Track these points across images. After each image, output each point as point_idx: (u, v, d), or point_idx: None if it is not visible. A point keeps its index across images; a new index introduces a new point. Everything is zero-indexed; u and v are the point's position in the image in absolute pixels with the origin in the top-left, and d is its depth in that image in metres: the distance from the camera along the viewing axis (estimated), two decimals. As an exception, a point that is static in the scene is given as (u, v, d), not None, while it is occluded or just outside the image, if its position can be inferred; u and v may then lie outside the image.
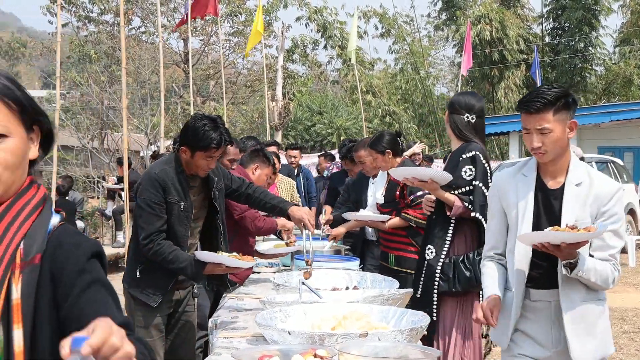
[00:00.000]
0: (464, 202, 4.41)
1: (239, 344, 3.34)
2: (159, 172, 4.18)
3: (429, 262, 4.55)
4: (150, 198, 4.15)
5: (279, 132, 24.88)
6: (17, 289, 1.54)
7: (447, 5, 30.98)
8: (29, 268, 1.57)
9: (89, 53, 26.24)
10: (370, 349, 2.65)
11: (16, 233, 1.57)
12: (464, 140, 4.57)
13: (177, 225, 4.22)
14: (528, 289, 3.33)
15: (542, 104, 3.13)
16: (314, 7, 31.27)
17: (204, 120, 4.16)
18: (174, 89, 28.92)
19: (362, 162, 6.39)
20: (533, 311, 3.34)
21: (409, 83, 32.06)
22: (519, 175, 3.35)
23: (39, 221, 1.63)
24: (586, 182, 3.23)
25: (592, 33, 28.49)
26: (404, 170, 4.83)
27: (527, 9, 31.43)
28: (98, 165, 24.74)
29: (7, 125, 1.58)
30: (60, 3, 11.69)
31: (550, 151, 3.18)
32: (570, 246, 3.02)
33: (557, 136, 3.16)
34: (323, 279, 4.22)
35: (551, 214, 3.26)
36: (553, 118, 3.14)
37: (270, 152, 6.33)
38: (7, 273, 1.53)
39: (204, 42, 27.56)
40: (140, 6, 26.41)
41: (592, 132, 21.57)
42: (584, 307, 3.24)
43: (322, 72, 36.30)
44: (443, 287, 4.47)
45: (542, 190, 3.29)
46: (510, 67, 28.73)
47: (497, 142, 29.75)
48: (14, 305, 1.53)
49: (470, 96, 4.72)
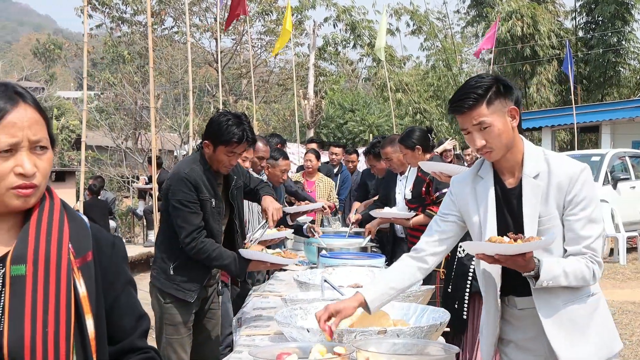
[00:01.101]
0: None
1: (260, 342, 3.36)
2: (188, 172, 4.22)
3: (460, 260, 4.51)
4: (184, 198, 4.19)
5: (311, 130, 24.91)
6: (82, 284, 1.73)
7: (475, 2, 30.78)
8: (85, 265, 1.75)
9: (123, 54, 26.48)
10: (389, 345, 2.65)
11: (61, 234, 1.73)
12: None
13: (212, 222, 4.27)
14: (512, 296, 3.05)
15: (472, 99, 2.87)
16: (342, 6, 31.24)
17: (228, 115, 4.21)
18: (206, 88, 29.08)
19: (388, 159, 6.38)
20: (521, 319, 3.05)
21: (441, 80, 31.91)
22: (476, 179, 3.08)
23: (73, 222, 1.78)
24: (544, 171, 2.93)
25: (626, 27, 28.14)
26: (433, 164, 4.80)
27: (558, 4, 31.11)
28: (132, 165, 24.95)
29: (46, 137, 1.75)
30: (87, 5, 11.75)
31: (496, 147, 2.90)
32: (518, 258, 2.72)
33: (499, 129, 2.88)
34: (347, 276, 4.23)
35: (514, 216, 2.97)
36: (488, 111, 2.88)
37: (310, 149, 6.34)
38: (70, 271, 1.70)
39: (236, 41, 27.65)
40: (173, 6, 26.58)
41: (626, 126, 21.33)
42: (568, 310, 2.93)
43: (354, 69, 36.27)
44: (476, 287, 4.40)
45: (502, 190, 3.01)
46: (542, 62, 28.47)
47: (530, 138, 29.53)
48: (82, 298, 1.72)
49: None
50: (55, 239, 1.71)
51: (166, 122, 23.30)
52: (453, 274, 4.60)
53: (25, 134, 1.70)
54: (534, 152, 3.00)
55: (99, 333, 1.76)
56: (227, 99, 27.41)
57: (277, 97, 31.58)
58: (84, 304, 1.72)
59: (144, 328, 1.93)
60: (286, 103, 31.04)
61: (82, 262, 1.75)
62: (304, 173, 9.28)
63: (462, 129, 2.97)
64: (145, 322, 1.94)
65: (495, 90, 2.90)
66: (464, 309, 4.47)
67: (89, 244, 1.78)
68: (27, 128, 1.70)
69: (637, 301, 9.78)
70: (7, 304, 1.64)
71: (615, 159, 16.02)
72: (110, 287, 1.83)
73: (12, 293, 1.65)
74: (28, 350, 1.61)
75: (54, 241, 1.71)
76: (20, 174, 1.70)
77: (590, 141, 28.20)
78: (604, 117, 21.40)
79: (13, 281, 1.65)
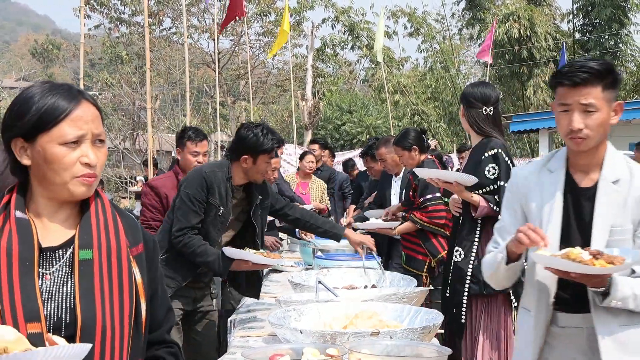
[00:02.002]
0: (489, 202, 4.31)
1: (254, 343, 3.37)
2: (208, 172, 4.25)
3: (457, 264, 4.45)
4: (194, 194, 4.21)
5: (309, 132, 24.90)
6: (137, 271, 1.92)
7: (470, 5, 30.78)
8: (138, 255, 1.95)
9: (121, 54, 26.49)
10: (382, 347, 2.66)
11: (117, 225, 1.92)
12: (483, 135, 4.48)
13: (211, 228, 4.27)
14: (555, 312, 2.75)
15: (589, 74, 2.58)
16: (341, 7, 31.23)
17: (258, 127, 4.26)
18: (204, 89, 29.08)
19: (383, 160, 6.40)
20: (561, 339, 2.76)
21: (439, 82, 31.91)
22: (543, 172, 2.79)
23: (124, 217, 1.98)
24: (626, 178, 2.66)
25: (623, 30, 28.14)
26: (430, 171, 4.78)
27: (554, 7, 31.10)
28: (130, 166, 24.99)
29: (104, 132, 1.94)
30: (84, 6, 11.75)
31: (592, 136, 2.62)
32: (592, 276, 2.48)
33: (603, 118, 2.62)
34: (342, 278, 4.24)
35: (581, 220, 2.69)
36: (602, 95, 2.62)
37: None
38: (129, 258, 1.90)
39: (234, 42, 27.66)
40: (171, 7, 26.59)
41: (623, 128, 21.31)
42: (625, 334, 2.63)
43: (352, 71, 36.27)
44: (474, 290, 4.37)
45: (572, 189, 2.73)
46: (539, 64, 28.48)
47: (527, 139, 29.54)
48: (139, 284, 1.91)
49: (484, 87, 4.57)
50: (113, 229, 1.91)
51: (164, 123, 23.31)
52: (450, 278, 4.57)
53: (90, 127, 1.87)
54: (617, 156, 2.76)
55: (147, 317, 1.95)
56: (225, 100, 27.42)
57: (275, 98, 31.61)
58: (140, 289, 1.92)
59: (172, 322, 2.14)
60: (284, 104, 31.05)
61: (136, 252, 1.95)
62: (298, 174, 9.24)
63: (562, 103, 2.67)
64: (172, 316, 2.14)
65: (613, 79, 2.67)
66: (462, 313, 4.44)
67: (140, 237, 1.99)
68: (91, 122, 1.88)
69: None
70: (77, 285, 1.82)
71: (612, 161, 16.02)
72: (152, 279, 2.01)
73: (81, 275, 1.83)
74: (100, 325, 1.80)
75: (112, 232, 1.90)
76: (86, 163, 1.86)
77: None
78: (601, 119, 21.43)
79: (82, 264, 1.84)
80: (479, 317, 4.42)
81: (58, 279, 1.84)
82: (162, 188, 5.37)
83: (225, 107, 27.55)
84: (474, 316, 4.44)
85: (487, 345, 4.39)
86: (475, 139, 4.57)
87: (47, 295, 1.81)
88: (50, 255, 1.85)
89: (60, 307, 1.81)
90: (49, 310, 1.80)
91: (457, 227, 4.58)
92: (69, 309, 1.81)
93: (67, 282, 1.84)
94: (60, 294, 1.82)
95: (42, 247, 1.84)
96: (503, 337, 4.41)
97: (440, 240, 5.56)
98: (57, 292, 1.82)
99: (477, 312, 4.44)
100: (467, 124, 4.55)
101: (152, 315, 2.00)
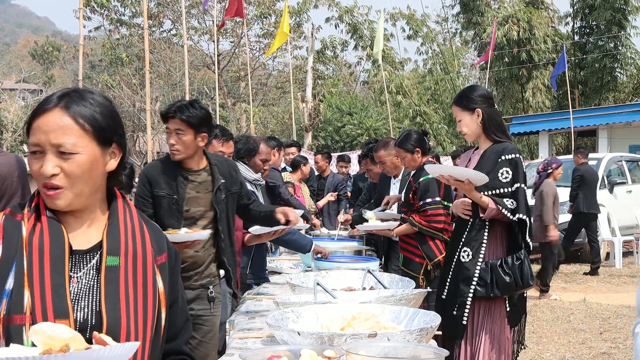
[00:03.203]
0: (498, 205, 4.28)
1: (253, 345, 3.37)
2: (148, 167, 4.40)
3: (464, 264, 4.41)
4: (138, 192, 4.31)
5: (309, 133, 24.93)
6: (160, 280, 1.95)
7: (465, 9, 30.78)
8: (162, 264, 1.98)
9: (121, 56, 26.52)
10: (379, 349, 2.66)
11: (143, 234, 1.95)
12: (496, 137, 4.44)
13: (166, 218, 4.25)
14: None
15: None
16: (345, 7, 31.25)
17: None
18: (204, 90, 29.10)
19: (382, 162, 6.38)
20: None
21: (439, 83, 31.93)
22: None
23: (150, 227, 2.01)
24: None
25: (622, 32, 28.13)
26: (441, 167, 4.67)
27: (551, 10, 31.08)
28: (130, 167, 24.98)
29: (76, 143, 1.84)
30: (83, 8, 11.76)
31: None
32: None
33: None
34: (340, 280, 4.23)
35: None
36: None
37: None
38: (154, 267, 1.93)
39: (234, 44, 27.68)
40: (171, 9, 26.63)
41: (623, 130, 21.35)
42: None
43: (352, 73, 36.29)
44: (480, 292, 4.35)
45: None
46: (538, 67, 28.47)
47: (527, 142, 29.54)
48: (160, 293, 1.94)
49: (481, 89, 4.57)
50: (140, 238, 1.93)
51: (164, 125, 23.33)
52: (450, 278, 4.55)
53: (47, 138, 1.83)
54: None
55: (165, 326, 1.97)
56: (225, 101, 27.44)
57: (275, 100, 31.65)
58: (161, 298, 1.94)
59: (189, 334, 2.16)
60: (284, 106, 31.08)
61: (160, 261, 1.97)
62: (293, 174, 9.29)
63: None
64: (189, 327, 2.16)
65: None
66: (464, 315, 4.42)
67: (164, 247, 2.02)
68: (52, 132, 1.82)
69: (632, 305, 9.78)
70: (103, 290, 1.84)
71: (612, 164, 16.07)
72: (173, 289, 2.03)
73: (107, 281, 1.85)
74: (124, 330, 1.82)
75: (138, 239, 1.93)
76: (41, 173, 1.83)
77: (587, 145, 28.23)
78: (600, 122, 21.44)
79: (108, 271, 1.86)
80: (482, 319, 4.41)
81: (85, 283, 1.86)
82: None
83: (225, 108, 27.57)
84: (475, 318, 4.43)
85: (489, 347, 4.40)
86: (485, 144, 4.50)
87: (75, 297, 1.84)
88: (79, 259, 1.88)
89: (85, 309, 1.84)
90: (76, 312, 1.82)
91: (461, 228, 4.53)
92: (94, 312, 1.84)
93: (93, 286, 1.86)
94: (87, 297, 1.85)
95: (72, 250, 1.87)
96: (504, 340, 4.42)
97: (438, 243, 5.55)
98: (84, 295, 1.85)
99: (479, 315, 4.43)
100: (478, 127, 4.46)
101: (171, 325, 2.02)
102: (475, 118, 4.44)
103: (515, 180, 4.33)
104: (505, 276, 4.31)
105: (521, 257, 4.34)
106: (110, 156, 1.93)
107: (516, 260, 4.32)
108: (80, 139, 1.85)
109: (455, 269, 4.48)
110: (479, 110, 4.42)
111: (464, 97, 4.51)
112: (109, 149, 1.92)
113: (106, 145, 1.91)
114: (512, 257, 4.35)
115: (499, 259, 4.37)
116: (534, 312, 9.37)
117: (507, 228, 4.43)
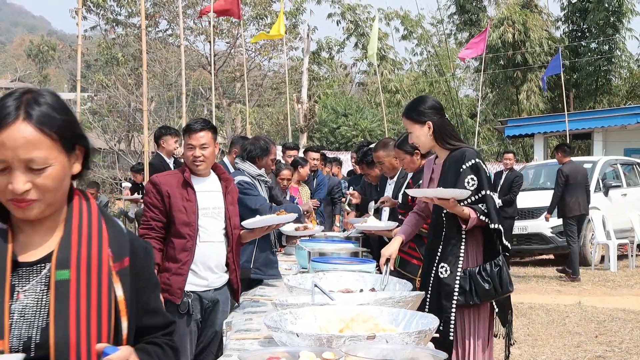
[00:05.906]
0: (477, 212, 4.23)
1: (250, 346, 3.37)
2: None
3: (444, 280, 4.37)
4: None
5: (304, 134, 24.91)
6: (119, 287, 1.85)
7: (461, 10, 30.80)
8: (123, 270, 1.87)
9: (116, 56, 26.49)
10: (378, 351, 2.66)
11: (101, 239, 1.85)
12: (451, 146, 4.40)
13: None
14: None
15: None
16: (347, 4, 31.23)
17: None
18: (200, 91, 29.08)
19: (380, 163, 6.36)
20: None
21: (433, 85, 31.94)
22: None
23: (112, 228, 1.90)
24: None
25: (617, 35, 28.19)
26: (424, 191, 4.62)
27: (545, 13, 31.11)
28: (125, 167, 24.97)
29: (47, 156, 1.76)
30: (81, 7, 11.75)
31: None
32: None
33: None
34: (337, 281, 4.23)
35: None
36: None
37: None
38: (110, 275, 1.83)
39: (230, 45, 27.67)
40: (168, 9, 26.60)
41: (618, 133, 21.41)
42: None
43: (347, 74, 36.30)
44: (460, 301, 4.31)
45: None
46: (533, 69, 28.51)
47: (522, 144, 29.59)
48: (120, 301, 1.84)
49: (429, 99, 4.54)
50: (96, 244, 1.83)
51: (159, 125, 23.29)
52: (430, 295, 4.50)
53: (15, 154, 1.73)
54: None
55: (130, 334, 1.88)
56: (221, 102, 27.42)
57: (270, 101, 31.63)
58: (120, 307, 1.85)
59: (171, 329, 2.08)
60: (279, 107, 31.08)
61: (120, 266, 1.86)
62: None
63: None
64: (170, 324, 2.09)
65: None
66: (450, 330, 4.38)
67: (126, 250, 1.90)
68: (20, 147, 1.73)
69: (627, 308, 9.81)
70: (52, 306, 1.75)
71: (607, 167, 16.10)
72: (142, 291, 1.95)
73: (56, 296, 1.76)
74: (74, 349, 1.74)
75: (94, 246, 1.83)
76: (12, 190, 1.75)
77: (582, 148, 28.28)
78: (596, 125, 21.48)
79: (58, 285, 1.77)
80: (469, 325, 4.39)
81: (32, 298, 1.78)
82: (164, 185, 4.75)
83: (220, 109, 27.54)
84: (463, 325, 4.41)
85: (479, 349, 4.39)
86: (442, 153, 4.46)
87: (19, 314, 1.76)
88: (26, 272, 1.80)
89: (32, 326, 1.76)
90: (20, 329, 1.75)
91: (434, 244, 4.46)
92: (40, 328, 1.76)
93: (41, 300, 1.79)
94: (33, 313, 1.77)
95: (19, 262, 1.79)
96: (492, 339, 4.43)
97: None
98: (29, 310, 1.77)
99: (468, 320, 4.40)
100: (429, 139, 4.42)
101: (145, 327, 1.97)
102: (425, 131, 4.39)
103: (481, 186, 4.29)
104: (485, 283, 4.26)
105: (499, 264, 4.30)
106: (74, 159, 1.87)
107: (495, 267, 4.28)
108: (50, 150, 1.77)
109: (435, 285, 4.42)
110: (430, 122, 4.37)
111: (414, 109, 4.44)
112: (73, 153, 1.86)
113: (71, 150, 1.84)
114: (491, 263, 4.29)
115: (477, 266, 4.34)
116: (529, 315, 9.38)
117: (484, 234, 4.39)
